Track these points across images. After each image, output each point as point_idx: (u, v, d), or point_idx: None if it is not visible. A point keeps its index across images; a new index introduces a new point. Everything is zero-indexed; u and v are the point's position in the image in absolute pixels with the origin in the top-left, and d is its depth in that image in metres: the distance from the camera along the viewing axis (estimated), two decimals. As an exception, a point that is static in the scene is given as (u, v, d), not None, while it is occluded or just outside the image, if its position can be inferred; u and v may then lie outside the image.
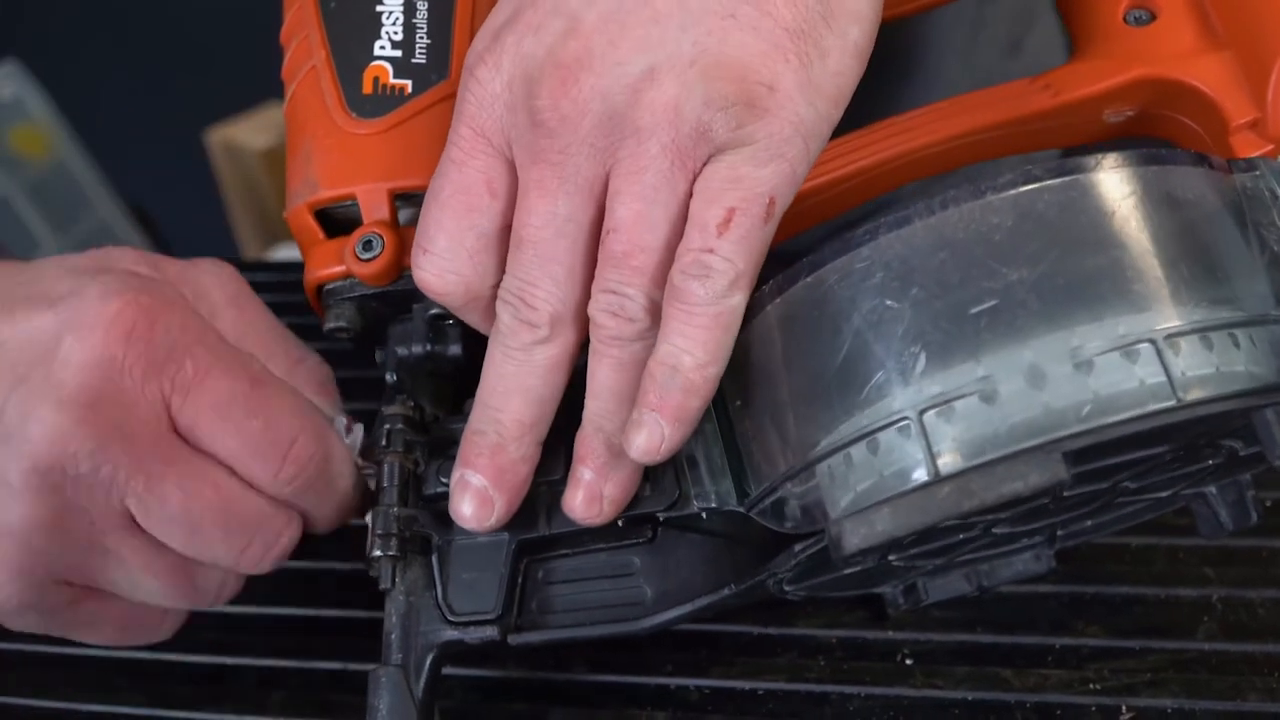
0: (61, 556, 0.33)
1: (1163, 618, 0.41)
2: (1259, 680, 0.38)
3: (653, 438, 0.31)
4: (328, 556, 0.46)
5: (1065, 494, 0.30)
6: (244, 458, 0.34)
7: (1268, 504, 0.44)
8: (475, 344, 0.37)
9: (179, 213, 1.56)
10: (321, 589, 0.46)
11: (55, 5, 1.59)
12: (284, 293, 0.47)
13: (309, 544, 0.47)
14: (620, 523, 0.35)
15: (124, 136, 1.52)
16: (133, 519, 0.33)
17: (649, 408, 0.31)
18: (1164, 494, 0.36)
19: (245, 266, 0.67)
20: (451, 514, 0.35)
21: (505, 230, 0.33)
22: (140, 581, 0.35)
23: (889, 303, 0.29)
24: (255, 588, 0.46)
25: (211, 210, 1.44)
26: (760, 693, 0.40)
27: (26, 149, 1.52)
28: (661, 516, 0.35)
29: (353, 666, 0.42)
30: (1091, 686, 0.39)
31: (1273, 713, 0.37)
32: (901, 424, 0.28)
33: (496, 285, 0.34)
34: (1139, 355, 0.27)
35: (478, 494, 0.34)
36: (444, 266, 0.33)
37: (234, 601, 0.45)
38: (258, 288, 0.63)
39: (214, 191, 1.42)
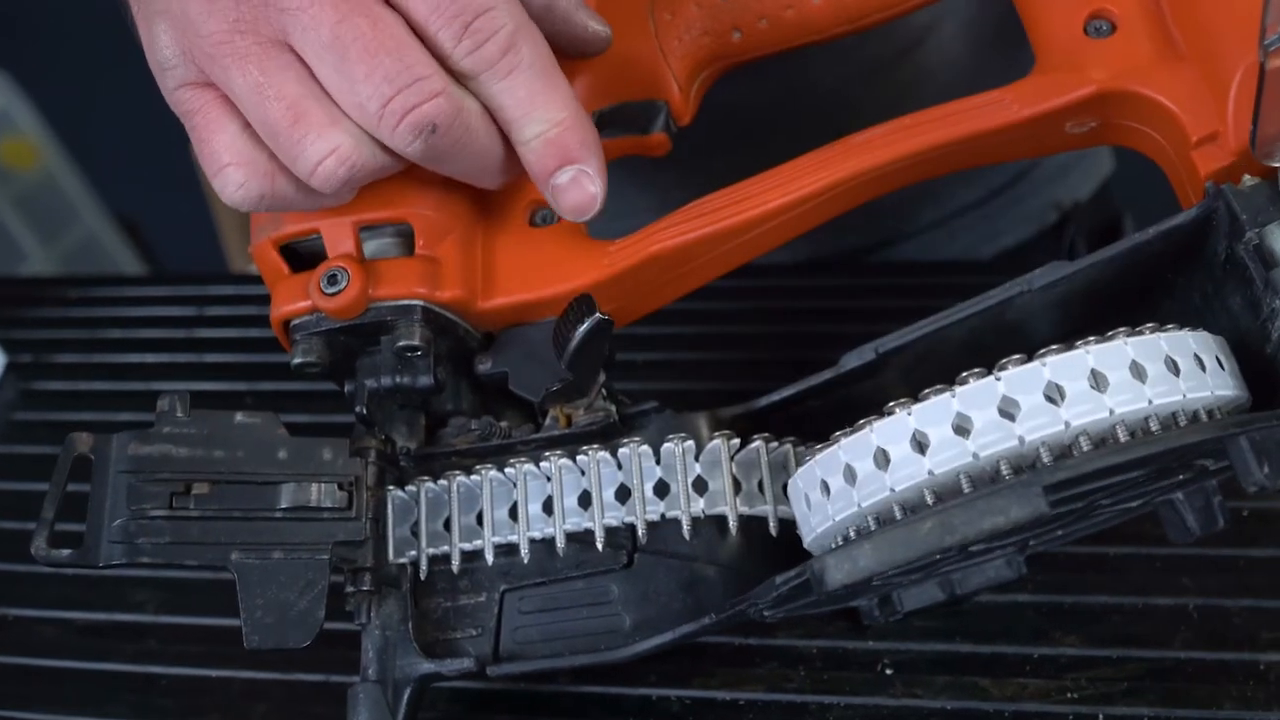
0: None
1: (1140, 627, 0.41)
2: (1235, 689, 0.39)
3: None
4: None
5: (1043, 519, 0.31)
6: (424, 12, 0.32)
7: (1245, 514, 0.44)
8: (445, 375, 0.37)
9: (167, 225, 1.56)
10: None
11: (44, 17, 1.59)
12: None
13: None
14: (600, 547, 0.36)
15: (112, 148, 1.51)
16: (291, 47, 0.32)
17: None
18: (1134, 504, 0.36)
19: (234, 279, 0.67)
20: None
21: None
22: (263, 103, 0.33)
23: None
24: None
25: (200, 222, 1.43)
26: (741, 703, 0.40)
27: (14, 161, 1.52)
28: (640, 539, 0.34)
29: (335, 679, 0.42)
30: (1069, 695, 0.39)
31: (1248, 721, 0.38)
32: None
33: None
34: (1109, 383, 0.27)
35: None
36: None
37: (218, 613, 0.46)
38: (246, 301, 0.63)
39: (202, 203, 1.42)
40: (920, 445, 0.30)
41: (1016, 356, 0.29)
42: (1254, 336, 0.32)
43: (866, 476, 0.30)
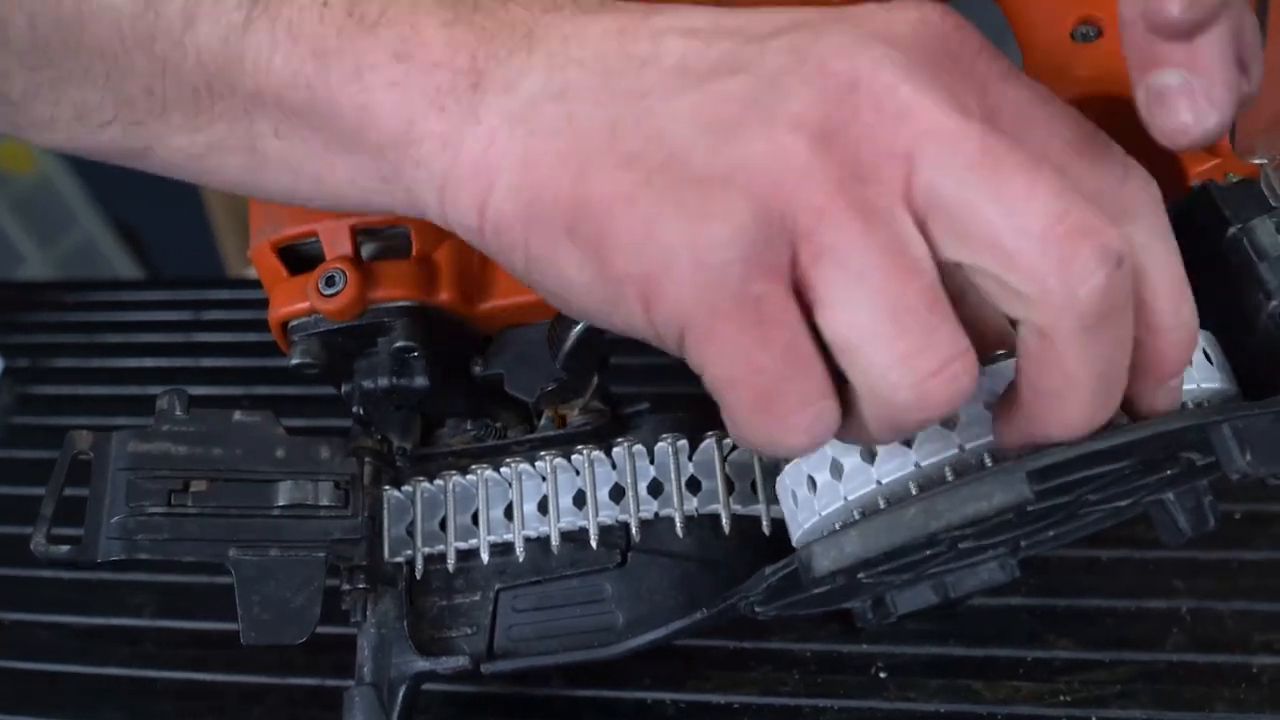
0: (793, 203, 0.24)
1: (1133, 630, 0.41)
2: (1227, 691, 0.39)
3: None
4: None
5: (1029, 509, 0.31)
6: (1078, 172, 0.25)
7: (1237, 516, 0.44)
8: (440, 376, 0.38)
9: (164, 229, 1.56)
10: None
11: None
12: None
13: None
14: (595, 545, 0.36)
15: (109, 153, 1.51)
16: (908, 200, 0.24)
17: None
18: (1124, 503, 0.37)
19: (230, 283, 0.67)
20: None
21: None
22: (858, 289, 0.24)
23: None
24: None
25: (197, 226, 1.44)
26: (735, 706, 0.40)
27: (11, 164, 1.52)
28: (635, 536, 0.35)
29: (331, 682, 0.43)
30: (1062, 698, 0.39)
31: (1240, 723, 0.38)
32: None
33: None
34: None
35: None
36: None
37: (214, 617, 0.46)
38: (242, 305, 0.64)
39: (199, 208, 1.42)
40: (906, 439, 0.30)
41: (1002, 351, 0.30)
42: (1240, 330, 0.32)
43: (852, 470, 0.30)
